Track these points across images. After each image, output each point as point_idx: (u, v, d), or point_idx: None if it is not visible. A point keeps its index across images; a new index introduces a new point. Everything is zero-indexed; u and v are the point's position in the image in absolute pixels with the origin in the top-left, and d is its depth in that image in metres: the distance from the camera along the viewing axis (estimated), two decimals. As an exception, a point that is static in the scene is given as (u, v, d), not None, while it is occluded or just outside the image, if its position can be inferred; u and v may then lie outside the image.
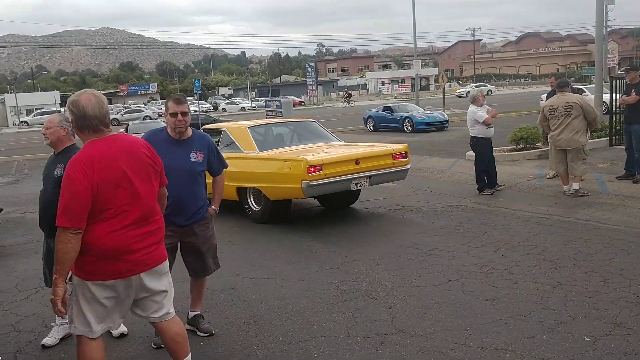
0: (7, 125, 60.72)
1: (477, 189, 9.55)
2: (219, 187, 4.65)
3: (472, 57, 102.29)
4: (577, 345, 3.93)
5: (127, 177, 3.13)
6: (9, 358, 4.32)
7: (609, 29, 48.67)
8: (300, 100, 64.42)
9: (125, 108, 60.65)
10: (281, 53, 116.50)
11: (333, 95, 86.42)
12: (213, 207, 4.56)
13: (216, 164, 4.58)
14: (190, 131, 4.45)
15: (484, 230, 7.26)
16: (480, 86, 58.81)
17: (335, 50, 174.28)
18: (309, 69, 69.15)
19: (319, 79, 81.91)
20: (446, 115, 24.26)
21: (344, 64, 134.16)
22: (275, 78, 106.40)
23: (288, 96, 52.51)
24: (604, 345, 3.92)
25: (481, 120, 9.31)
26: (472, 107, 9.49)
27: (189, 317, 4.58)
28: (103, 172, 3.05)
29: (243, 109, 61.95)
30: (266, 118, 28.72)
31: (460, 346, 4.03)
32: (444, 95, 35.80)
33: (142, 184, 3.19)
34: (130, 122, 24.94)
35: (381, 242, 7.01)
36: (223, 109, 63.93)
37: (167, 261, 3.40)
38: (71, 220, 2.97)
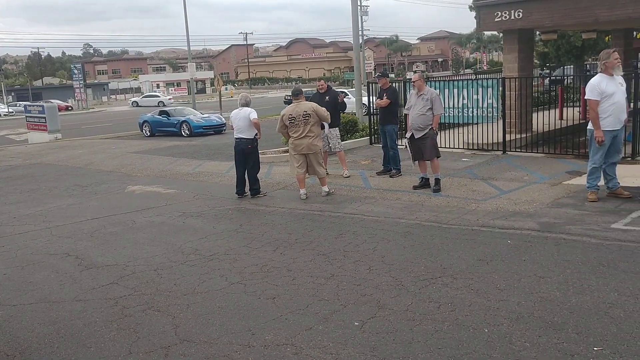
0: None
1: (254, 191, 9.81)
2: None
3: (246, 60, 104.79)
4: (348, 331, 4.31)
5: None
6: None
7: (365, 37, 54.00)
8: (67, 104, 59.56)
9: None
10: (41, 53, 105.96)
11: (104, 98, 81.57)
12: None
13: None
14: None
15: (264, 230, 7.53)
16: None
17: (104, 51, 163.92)
18: (75, 71, 64.12)
19: (87, 81, 76.49)
20: (223, 119, 24.53)
21: (115, 66, 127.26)
22: (36, 80, 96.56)
23: (52, 100, 48.22)
24: (371, 327, 4.36)
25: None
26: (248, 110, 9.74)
27: None
28: None
29: (-2, 114, 55.05)
30: (26, 125, 26.01)
31: (245, 347, 4.14)
32: (220, 99, 36.09)
33: None
34: None
35: (161, 251, 6.83)
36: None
37: None
38: None
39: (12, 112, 54.63)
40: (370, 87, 15.15)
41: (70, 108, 58.80)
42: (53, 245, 7.44)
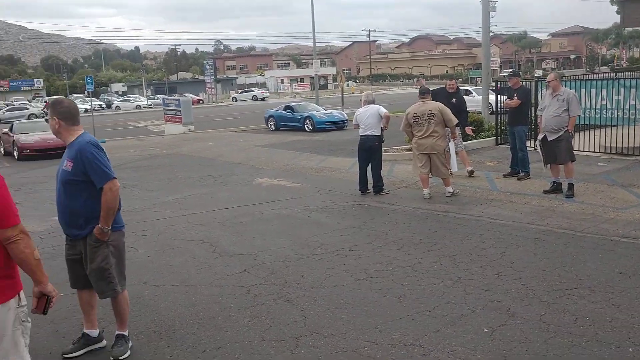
0: None
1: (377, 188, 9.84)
2: (103, 203, 4.00)
3: (369, 57, 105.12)
4: (477, 337, 4.22)
5: None
6: None
7: (491, 33, 52.09)
8: (198, 98, 63.20)
9: (7, 105, 56.28)
10: (177, 49, 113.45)
11: (232, 93, 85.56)
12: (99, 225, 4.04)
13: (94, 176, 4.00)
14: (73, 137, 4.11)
15: (387, 228, 7.55)
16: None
17: (233, 47, 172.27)
18: (207, 66, 67.98)
19: (217, 76, 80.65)
20: (345, 115, 24.81)
21: (242, 62, 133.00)
22: (171, 75, 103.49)
23: (186, 94, 51.35)
24: (501, 335, 4.24)
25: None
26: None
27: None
28: None
29: (138, 107, 59.72)
30: (163, 118, 27.96)
31: (372, 344, 4.20)
32: (342, 95, 36.55)
33: None
34: (15, 122, 23.22)
35: (289, 243, 7.09)
36: (117, 106, 61.30)
37: None
38: None
39: (151, 105, 58.94)
40: (498, 85, 14.62)
41: (201, 102, 62.32)
42: (189, 232, 7.97)
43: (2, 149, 20.81)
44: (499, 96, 13.96)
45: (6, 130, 20.84)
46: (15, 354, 2.94)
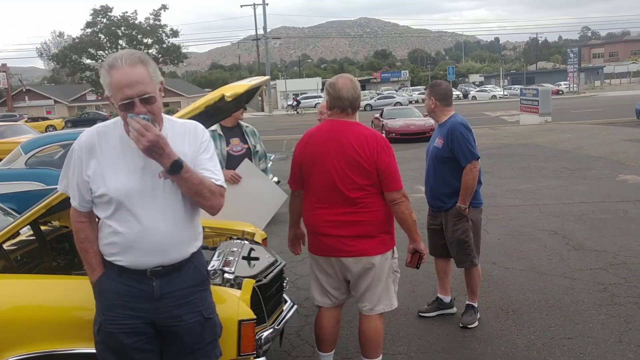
0: (277, 108, 68.10)
1: None
2: (463, 182, 4.25)
3: None
4: None
5: (323, 158, 3.28)
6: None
7: None
8: (557, 88, 59.99)
9: (378, 94, 63.38)
10: (539, 38, 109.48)
11: (597, 83, 78.50)
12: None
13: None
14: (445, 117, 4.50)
15: None
16: None
17: (603, 33, 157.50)
18: (571, 55, 63.74)
19: (581, 65, 74.94)
20: None
21: (612, 49, 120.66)
22: (530, 65, 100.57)
23: (545, 84, 49.30)
24: None
25: None
26: None
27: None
28: (311, 147, 3.36)
29: (494, 97, 60.01)
30: (520, 108, 27.43)
31: None
32: None
33: (337, 171, 3.24)
34: (385, 108, 26.00)
35: (657, 247, 6.30)
36: (473, 96, 62.80)
37: (373, 257, 3.31)
38: (291, 182, 3.52)
39: (507, 95, 58.59)
40: None
41: (560, 92, 59.05)
42: (541, 221, 7.76)
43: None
44: None
45: (377, 115, 23.63)
46: (387, 297, 3.42)
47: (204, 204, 2.36)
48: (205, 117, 3.43)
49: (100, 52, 46.61)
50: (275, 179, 9.27)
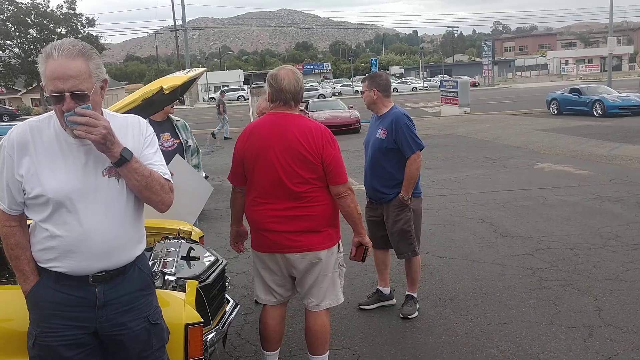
0: (198, 101, 66.68)
1: None
2: (407, 172, 4.30)
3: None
4: None
5: (267, 152, 3.17)
6: (228, 308, 4.86)
7: None
8: (474, 80, 62.27)
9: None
10: (455, 31, 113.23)
11: (509, 75, 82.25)
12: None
13: None
14: (386, 108, 4.56)
15: (700, 227, 6.54)
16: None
17: (512, 27, 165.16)
18: (485, 48, 66.33)
19: (495, 58, 78.24)
20: (644, 99, 21.91)
21: (522, 43, 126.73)
22: (447, 57, 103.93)
23: (462, 76, 51.04)
24: None
25: None
26: None
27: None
28: (254, 141, 3.24)
29: (415, 88, 61.57)
30: (440, 99, 28.28)
31: (682, 349, 3.74)
32: (640, 77, 32.26)
33: (282, 165, 3.16)
34: (310, 100, 26.01)
35: (576, 231, 6.64)
36: (394, 88, 64.02)
37: (319, 251, 3.26)
38: (232, 177, 3.39)
39: (427, 87, 60.27)
40: None
41: (477, 84, 61.34)
42: (469, 210, 8.01)
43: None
44: None
45: (302, 107, 23.53)
46: (333, 292, 3.39)
47: (154, 199, 2.23)
48: (138, 110, 3.26)
49: (9, 41, 43.72)
50: (204, 174, 9.03)
